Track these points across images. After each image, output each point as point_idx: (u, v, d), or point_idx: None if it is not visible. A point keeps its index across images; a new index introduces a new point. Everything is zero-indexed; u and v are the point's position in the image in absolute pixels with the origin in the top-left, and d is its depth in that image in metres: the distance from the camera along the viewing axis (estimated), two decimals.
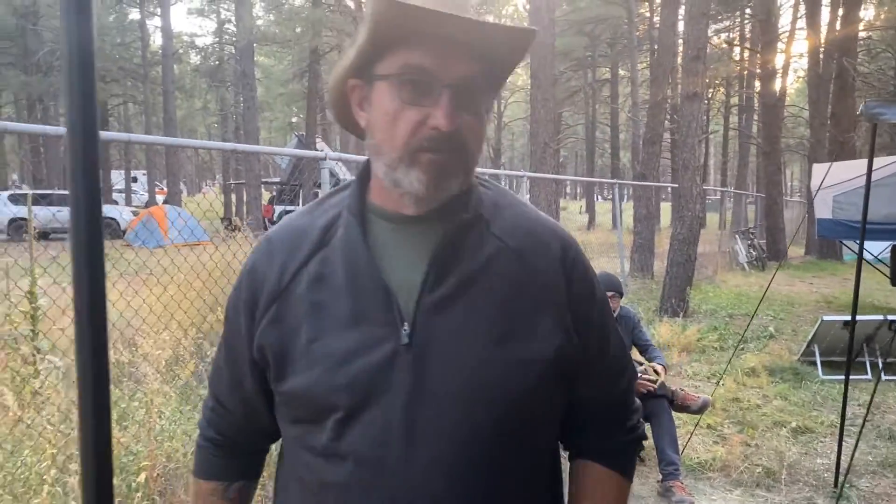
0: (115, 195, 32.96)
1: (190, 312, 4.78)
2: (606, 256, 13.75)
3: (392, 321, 0.92)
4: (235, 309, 1.03)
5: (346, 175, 23.12)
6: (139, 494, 2.94)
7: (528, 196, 7.76)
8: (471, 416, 0.91)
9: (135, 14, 32.75)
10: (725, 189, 22.30)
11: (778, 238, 17.65)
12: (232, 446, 1.13)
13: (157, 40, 33.52)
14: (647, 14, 26.81)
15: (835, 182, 8.61)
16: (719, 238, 16.33)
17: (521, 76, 46.26)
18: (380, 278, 0.93)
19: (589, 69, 33.60)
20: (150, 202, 30.07)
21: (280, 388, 0.97)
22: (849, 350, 4.25)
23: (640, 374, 3.99)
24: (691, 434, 4.59)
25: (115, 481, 2.70)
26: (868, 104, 3.53)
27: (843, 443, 4.05)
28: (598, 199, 36.19)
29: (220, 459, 1.13)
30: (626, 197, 26.75)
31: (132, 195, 35.90)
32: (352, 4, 31.90)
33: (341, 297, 0.94)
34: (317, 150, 22.34)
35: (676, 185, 9.68)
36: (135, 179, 40.00)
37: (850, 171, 8.62)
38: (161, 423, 3.32)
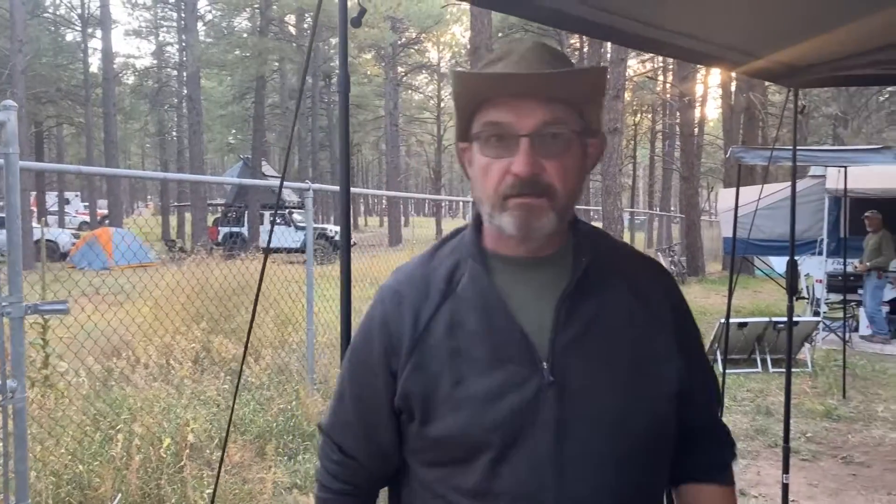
0: (49, 218, 32.34)
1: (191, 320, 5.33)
2: None
3: (532, 360, 0.97)
4: (366, 362, 1.06)
5: (292, 198, 23.57)
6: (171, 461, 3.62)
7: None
8: (615, 448, 0.96)
9: (71, 35, 32.52)
10: (652, 211, 23.92)
11: (697, 255, 19.14)
12: (360, 495, 1.14)
13: (96, 62, 33.27)
14: (578, 45, 28.45)
15: (740, 204, 9.83)
16: None
17: None
18: (514, 320, 0.98)
19: None
20: (94, 224, 29.71)
21: (426, 432, 1.00)
22: (725, 345, 5.25)
23: None
24: None
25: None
26: (733, 149, 4.57)
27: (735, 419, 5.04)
28: None
29: None
30: None
31: (65, 217, 35.25)
32: (293, 31, 32.55)
33: (478, 340, 0.98)
34: (263, 172, 22.77)
35: (602, 208, 10.79)
36: (67, 201, 39.22)
37: (752, 195, 9.86)
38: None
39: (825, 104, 18.85)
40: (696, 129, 21.66)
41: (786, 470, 3.47)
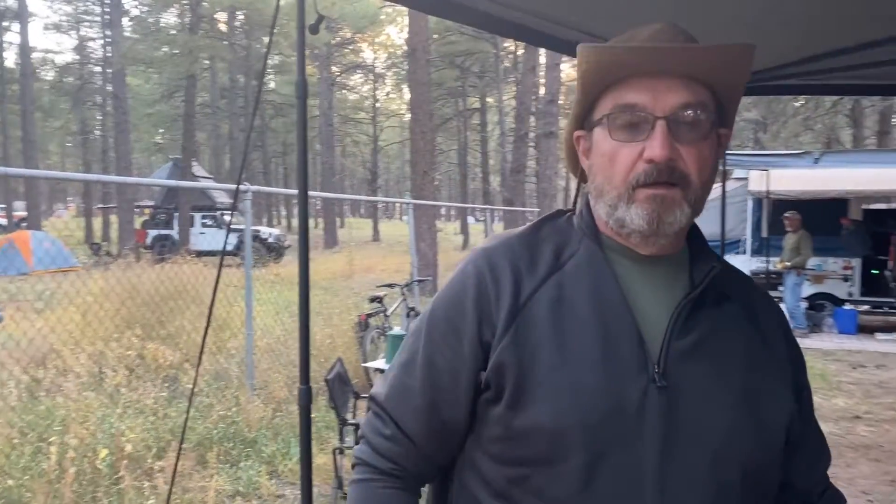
0: None
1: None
2: None
3: (643, 361, 0.87)
4: (454, 324, 0.94)
5: (224, 199, 23.06)
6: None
7: (413, 221, 8.69)
8: (721, 473, 0.86)
9: None
10: None
11: None
12: (409, 481, 0.99)
13: (12, 57, 31.66)
14: (513, 49, 28.86)
15: None
16: None
17: (394, 100, 47.61)
18: (629, 313, 0.89)
19: (460, 98, 35.38)
20: (10, 228, 28.24)
21: (513, 418, 0.88)
22: None
23: None
24: None
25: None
26: None
27: None
28: (471, 220, 37.96)
29: (395, 494, 0.97)
30: (496, 219, 28.42)
31: None
32: (224, 28, 31.81)
33: (587, 325, 0.88)
34: (193, 173, 22.18)
35: (539, 210, 11.00)
36: None
37: None
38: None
39: (746, 110, 19.75)
40: None
41: None
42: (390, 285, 7.54)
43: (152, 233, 22.05)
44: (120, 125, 21.13)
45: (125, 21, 25.93)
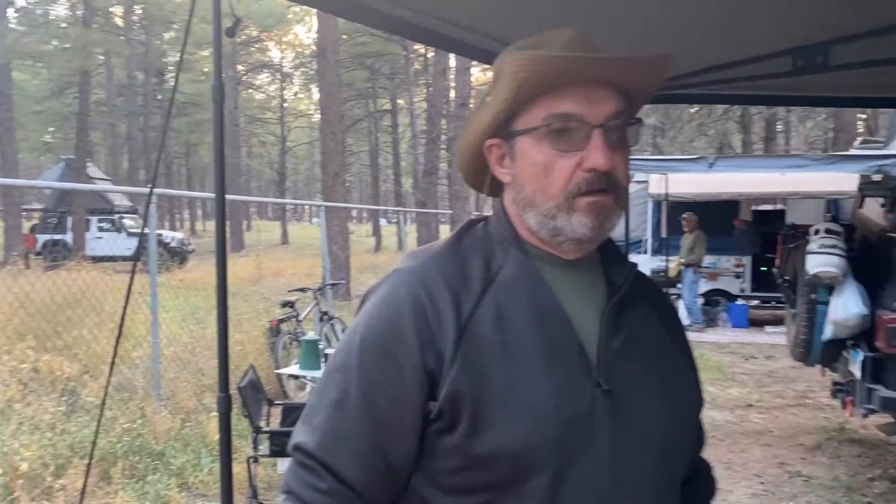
0: None
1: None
2: None
3: (586, 367, 0.87)
4: (391, 356, 0.86)
5: (122, 202, 21.98)
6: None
7: (325, 224, 8.58)
8: (665, 464, 0.90)
9: None
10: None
11: None
12: None
13: None
14: (423, 51, 29.01)
15: None
16: None
17: (302, 101, 46.81)
18: (566, 319, 0.89)
19: (371, 99, 35.21)
20: None
21: (472, 446, 0.83)
22: None
23: None
24: None
25: None
26: None
27: None
28: (384, 223, 37.86)
29: None
30: (409, 221, 28.48)
31: None
32: (121, 22, 30.34)
33: (531, 338, 0.86)
34: (88, 174, 21.01)
35: (452, 212, 11.13)
36: None
37: None
38: None
39: (645, 115, 20.68)
40: None
41: None
42: (302, 289, 7.42)
43: (42, 238, 20.74)
44: (4, 123, 19.75)
45: (10, 12, 24.28)
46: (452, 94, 15.66)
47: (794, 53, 2.38)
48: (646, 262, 10.63)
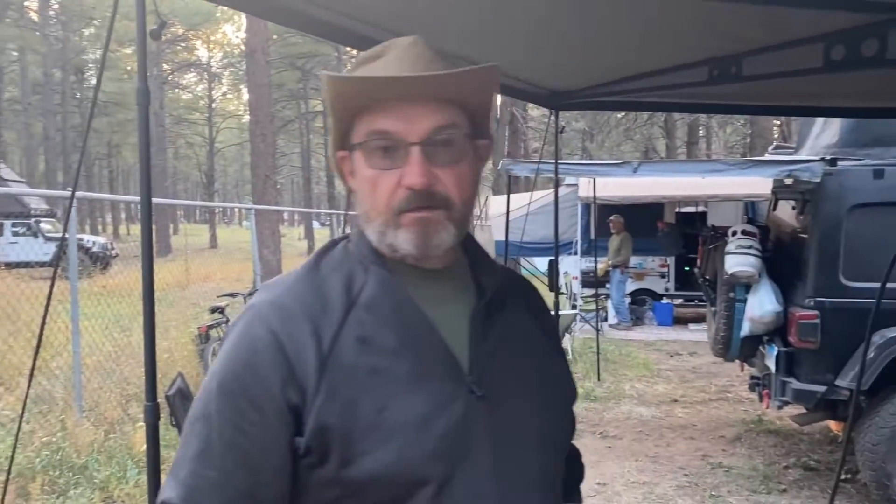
0: None
1: None
2: None
3: (457, 376, 0.88)
4: (251, 398, 0.84)
5: (39, 205, 20.93)
6: None
7: (255, 227, 8.42)
8: (544, 459, 0.93)
9: None
10: None
11: None
12: None
13: None
14: (355, 53, 28.84)
15: (508, 210, 10.72)
16: None
17: (231, 101, 45.75)
18: (434, 330, 0.89)
19: (302, 101, 34.75)
20: None
21: (348, 475, 0.82)
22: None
23: None
24: None
25: None
26: (504, 162, 5.02)
27: None
28: (316, 225, 37.36)
29: None
30: (342, 223, 28.24)
31: None
32: (36, 17, 28.95)
33: (399, 354, 0.86)
34: (1, 177, 19.92)
35: None
36: None
37: (520, 202, 10.79)
38: None
39: (575, 120, 21.15)
40: None
41: None
42: (232, 294, 7.27)
43: None
44: None
45: None
46: None
47: (710, 64, 2.50)
48: (575, 263, 10.90)
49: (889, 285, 3.26)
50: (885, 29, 2.00)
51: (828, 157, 4.38)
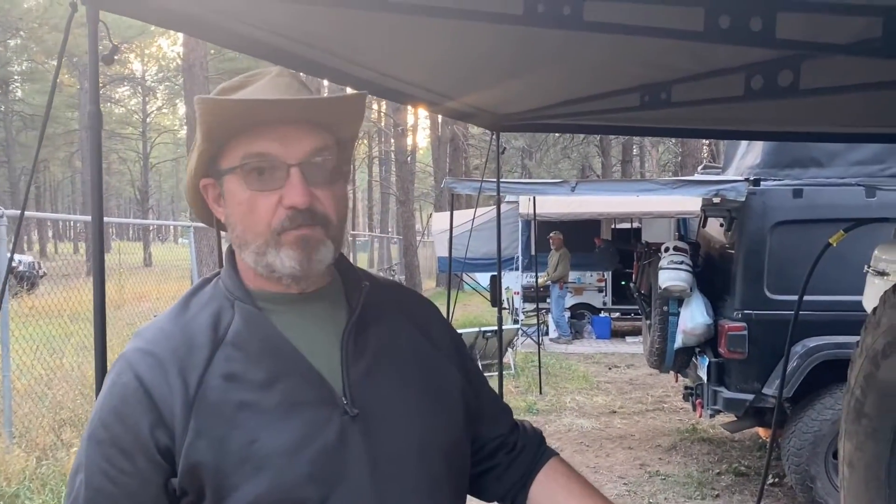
0: None
1: None
2: None
3: (330, 399, 0.90)
4: (121, 445, 0.87)
5: None
6: None
7: (194, 245, 8.26)
8: (429, 468, 0.95)
9: None
10: (372, 233, 24.97)
11: (414, 274, 20.43)
12: None
13: None
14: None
15: (449, 227, 10.83)
16: None
17: (167, 116, 44.68)
18: (304, 359, 0.92)
19: None
20: None
21: None
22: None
23: None
24: None
25: None
26: (447, 180, 5.12)
27: None
28: None
29: None
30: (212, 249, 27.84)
31: None
32: None
33: (267, 389, 0.89)
34: None
35: None
36: None
37: (462, 218, 10.91)
38: None
39: (514, 138, 21.56)
40: (410, 157, 23.18)
41: None
42: None
43: None
44: None
45: None
46: None
47: (641, 91, 2.65)
48: (516, 279, 11.08)
49: (811, 298, 3.50)
50: (798, 62, 2.17)
51: (751, 178, 4.63)
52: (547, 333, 10.91)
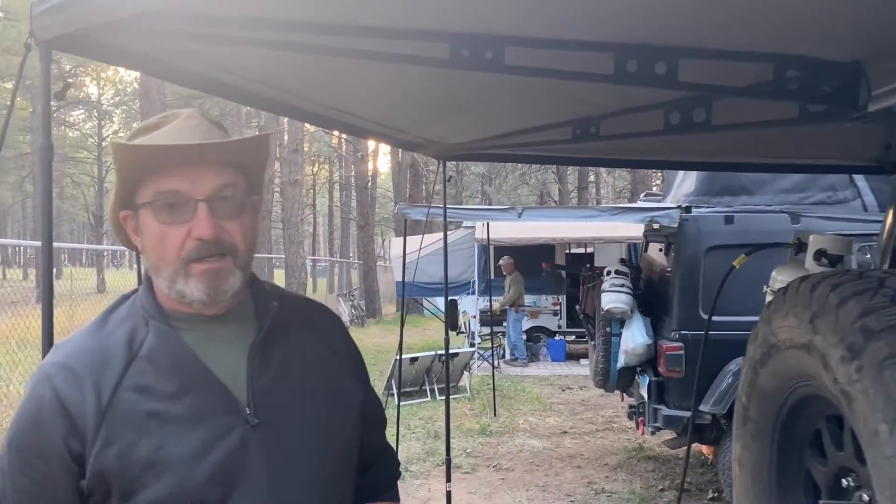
0: None
1: None
2: None
3: (234, 409, 1.00)
4: (38, 451, 0.97)
5: None
6: None
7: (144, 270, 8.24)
8: (325, 470, 1.06)
9: None
10: (332, 258, 24.95)
11: (374, 298, 20.47)
12: None
13: None
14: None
15: (409, 251, 10.98)
16: (327, 301, 18.33)
17: (123, 140, 43.83)
18: (210, 373, 1.00)
19: None
20: None
21: None
22: (399, 378, 5.88)
23: None
24: None
25: None
26: (400, 206, 5.29)
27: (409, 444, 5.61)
28: None
29: None
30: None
31: None
32: None
33: (176, 400, 0.97)
34: None
35: (285, 257, 11.09)
36: None
37: (418, 243, 11.06)
38: None
39: (475, 165, 21.94)
40: (370, 182, 23.33)
41: (448, 479, 4.09)
42: None
43: None
44: None
45: None
46: (286, 137, 15.69)
47: (573, 125, 2.86)
48: (473, 303, 11.25)
49: (743, 319, 3.71)
50: (709, 101, 2.40)
51: (684, 205, 4.89)
52: (503, 356, 11.06)
